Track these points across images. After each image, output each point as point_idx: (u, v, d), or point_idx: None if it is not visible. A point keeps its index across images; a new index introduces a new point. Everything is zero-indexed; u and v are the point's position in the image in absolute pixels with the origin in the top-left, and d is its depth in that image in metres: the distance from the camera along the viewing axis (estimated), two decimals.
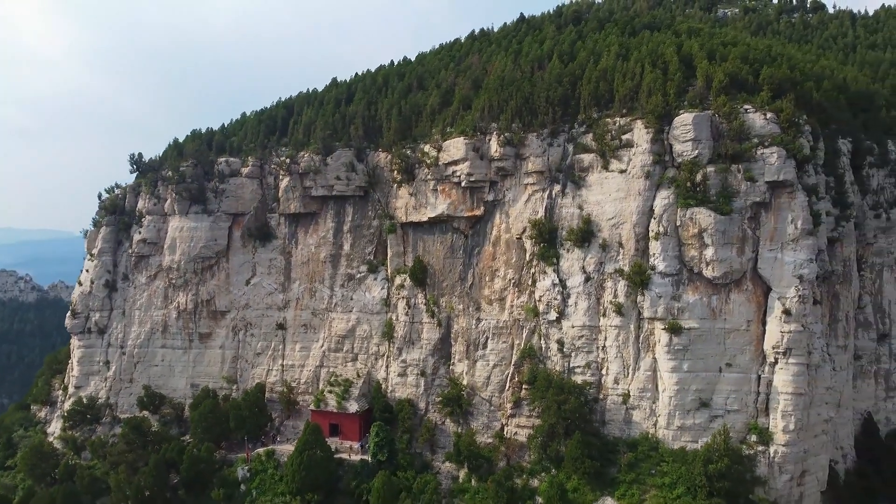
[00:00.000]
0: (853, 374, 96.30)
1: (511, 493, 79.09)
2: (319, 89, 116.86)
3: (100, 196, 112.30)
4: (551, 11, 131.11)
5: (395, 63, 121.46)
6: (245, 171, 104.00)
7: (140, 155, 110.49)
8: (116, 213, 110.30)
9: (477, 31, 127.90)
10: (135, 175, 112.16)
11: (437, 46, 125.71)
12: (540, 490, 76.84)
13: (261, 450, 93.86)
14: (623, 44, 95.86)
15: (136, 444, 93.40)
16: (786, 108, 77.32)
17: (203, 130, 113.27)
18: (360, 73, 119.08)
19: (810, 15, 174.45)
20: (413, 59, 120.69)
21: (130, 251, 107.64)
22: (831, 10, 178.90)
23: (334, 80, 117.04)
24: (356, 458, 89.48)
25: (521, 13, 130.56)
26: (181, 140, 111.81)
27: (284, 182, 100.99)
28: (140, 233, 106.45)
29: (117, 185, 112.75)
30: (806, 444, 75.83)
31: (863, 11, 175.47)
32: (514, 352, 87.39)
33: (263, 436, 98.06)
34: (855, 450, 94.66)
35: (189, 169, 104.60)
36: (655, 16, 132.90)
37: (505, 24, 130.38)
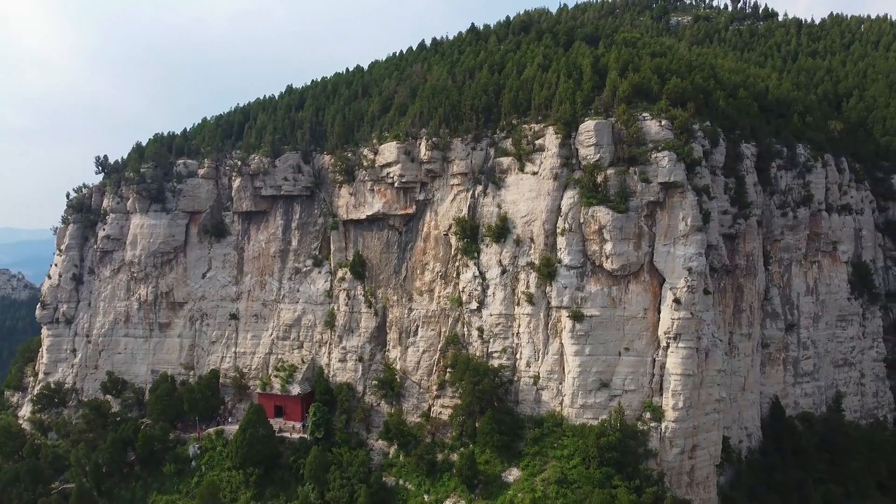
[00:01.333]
0: (762, 361, 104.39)
1: (431, 465, 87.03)
2: (277, 96, 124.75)
3: (68, 195, 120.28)
4: (502, 21, 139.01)
5: (349, 70, 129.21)
6: (201, 172, 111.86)
7: (105, 157, 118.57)
8: (83, 211, 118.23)
9: (431, 40, 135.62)
10: (101, 176, 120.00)
11: (390, 55, 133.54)
12: (456, 463, 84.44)
13: (211, 430, 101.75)
14: (548, 55, 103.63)
15: (96, 424, 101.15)
16: (679, 115, 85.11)
17: (165, 134, 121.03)
18: (315, 80, 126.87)
19: (760, 23, 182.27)
20: (366, 66, 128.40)
21: (96, 247, 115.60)
22: (781, 18, 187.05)
23: (289, 86, 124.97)
24: (297, 436, 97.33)
25: (472, 23, 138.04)
26: (143, 143, 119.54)
27: (237, 183, 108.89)
28: (104, 230, 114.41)
29: (84, 186, 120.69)
30: (696, 421, 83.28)
31: (810, 20, 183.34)
32: (441, 338, 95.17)
33: (218, 417, 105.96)
34: (762, 430, 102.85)
35: (149, 170, 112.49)
36: (600, 26, 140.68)
37: (460, 33, 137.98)
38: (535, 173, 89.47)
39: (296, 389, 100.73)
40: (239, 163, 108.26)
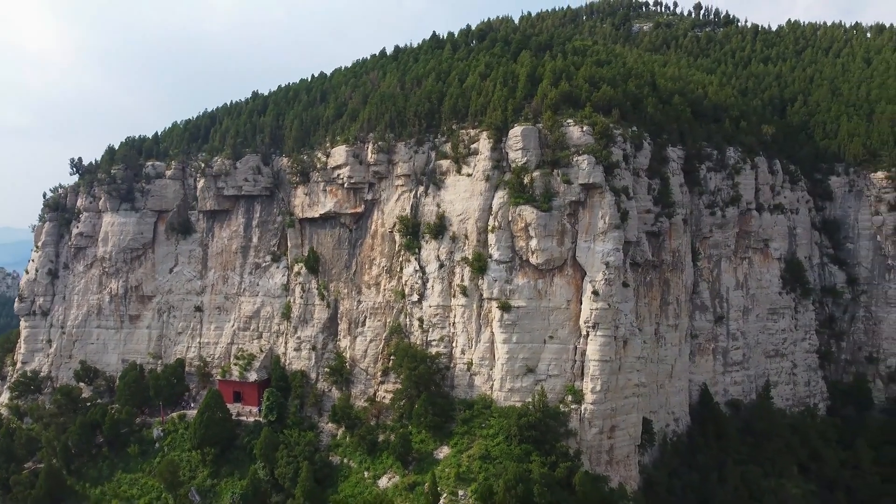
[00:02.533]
0: (691, 351, 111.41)
1: (373, 445, 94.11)
2: (243, 100, 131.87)
3: (45, 195, 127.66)
4: (463, 29, 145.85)
5: (313, 77, 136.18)
6: (168, 173, 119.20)
7: (80, 159, 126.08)
8: (59, 210, 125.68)
9: (393, 48, 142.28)
10: (76, 177, 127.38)
11: (355, 61, 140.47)
12: (392, 442, 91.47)
13: (174, 414, 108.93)
14: (490, 64, 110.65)
15: (67, 409, 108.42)
16: (600, 122, 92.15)
17: (136, 137, 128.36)
18: (281, 86, 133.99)
19: (721, 29, 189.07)
20: (329, 73, 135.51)
21: (70, 244, 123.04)
22: (742, 25, 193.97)
23: (254, 92, 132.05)
24: (252, 419, 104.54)
25: (434, 31, 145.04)
26: (116, 147, 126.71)
27: (201, 183, 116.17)
28: (78, 227, 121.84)
29: (60, 186, 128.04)
30: (614, 404, 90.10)
31: (769, 26, 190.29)
32: (386, 329, 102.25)
33: (183, 402, 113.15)
34: (691, 415, 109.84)
35: (119, 172, 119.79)
36: (555, 34, 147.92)
37: (424, 40, 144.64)
38: (469, 175, 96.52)
39: (253, 376, 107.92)
40: (203, 164, 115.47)
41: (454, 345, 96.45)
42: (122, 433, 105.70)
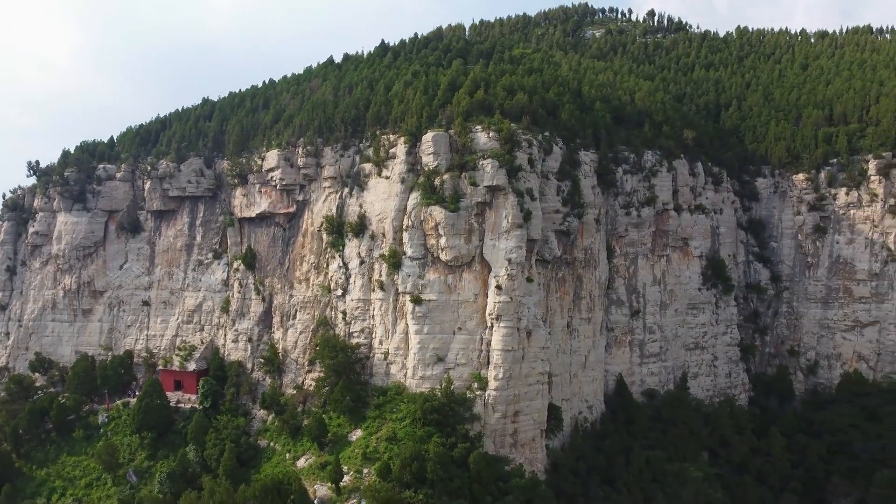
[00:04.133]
0: (608, 343, 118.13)
1: (296, 429, 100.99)
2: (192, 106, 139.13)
3: (3, 196, 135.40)
4: (410, 37, 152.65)
5: (265, 83, 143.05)
6: (119, 175, 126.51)
7: (38, 162, 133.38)
8: (17, 209, 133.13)
9: (343, 56, 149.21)
10: (33, 178, 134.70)
11: (306, 69, 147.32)
12: (309, 426, 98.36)
13: (119, 401, 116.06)
14: (417, 72, 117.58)
15: (18, 396, 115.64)
16: (505, 128, 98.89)
17: (91, 141, 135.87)
18: (233, 92, 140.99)
19: (671, 35, 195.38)
20: (279, 80, 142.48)
21: (27, 242, 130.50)
22: (695, 31, 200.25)
23: (204, 98, 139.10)
24: (190, 406, 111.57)
25: (382, 39, 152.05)
26: (71, 150, 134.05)
27: (147, 185, 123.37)
28: (34, 226, 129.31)
29: (19, 187, 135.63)
30: (517, 391, 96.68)
31: (718, 32, 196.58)
32: (314, 321, 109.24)
33: (129, 391, 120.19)
34: (607, 404, 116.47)
35: (73, 174, 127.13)
36: (498, 42, 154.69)
37: (375, 47, 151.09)
38: (388, 178, 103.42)
39: (192, 366, 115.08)
40: (149, 167, 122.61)
41: (373, 336, 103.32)
42: (70, 419, 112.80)
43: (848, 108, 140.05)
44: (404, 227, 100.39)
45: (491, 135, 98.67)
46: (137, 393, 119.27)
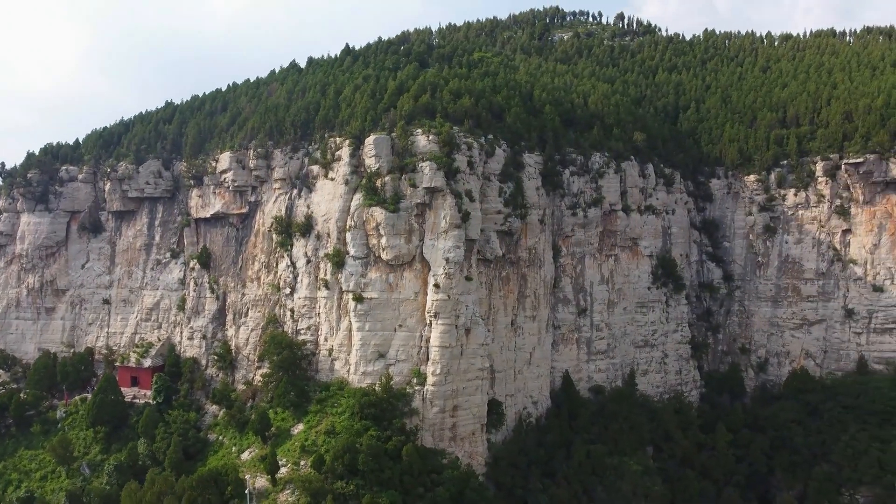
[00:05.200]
0: (555, 340, 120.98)
1: (243, 423, 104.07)
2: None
3: None
4: (374, 41, 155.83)
5: (230, 86, 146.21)
6: (80, 176, 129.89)
7: (3, 164, 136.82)
8: None
9: (307, 59, 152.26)
10: None
11: (269, 73, 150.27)
12: (252, 420, 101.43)
13: (77, 397, 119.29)
14: (367, 76, 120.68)
15: None
16: (444, 131, 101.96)
17: (55, 144, 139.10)
18: (195, 95, 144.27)
19: (639, 38, 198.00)
20: (241, 83, 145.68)
21: None
22: (664, 33, 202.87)
23: (167, 101, 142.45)
24: (143, 402, 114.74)
25: (347, 43, 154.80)
26: (35, 153, 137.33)
27: (108, 186, 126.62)
28: None
29: None
30: (455, 386, 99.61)
31: (685, 36, 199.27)
32: (264, 319, 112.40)
33: (89, 387, 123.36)
34: (553, 399, 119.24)
35: (35, 175, 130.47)
36: (458, 46, 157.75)
37: (341, 51, 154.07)
38: (333, 179, 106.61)
39: (148, 363, 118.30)
40: (109, 169, 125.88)
41: (319, 333, 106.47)
42: (28, 415, 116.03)
43: (800, 111, 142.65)
44: (347, 227, 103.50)
45: (430, 138, 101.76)
46: None
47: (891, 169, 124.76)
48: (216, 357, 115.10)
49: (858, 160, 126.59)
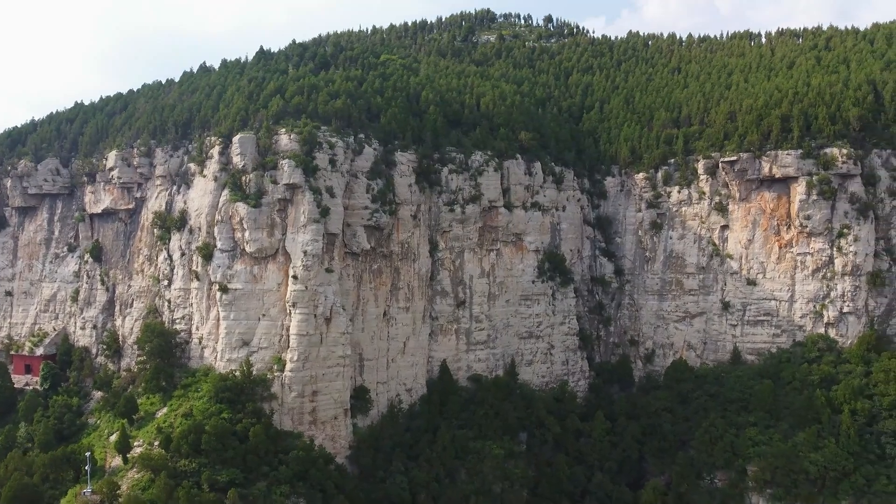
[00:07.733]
0: (433, 331, 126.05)
1: (119, 407, 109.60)
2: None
3: None
4: (289, 44, 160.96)
5: (145, 86, 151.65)
6: None
7: None
8: None
9: (221, 62, 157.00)
10: None
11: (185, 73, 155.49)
12: (118, 404, 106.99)
13: None
14: (254, 79, 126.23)
15: None
16: (305, 131, 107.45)
17: None
18: (105, 96, 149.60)
19: (564, 40, 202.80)
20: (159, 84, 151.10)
21: None
22: (591, 35, 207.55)
23: (76, 102, 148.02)
24: (32, 388, 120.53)
25: (261, 46, 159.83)
26: None
27: (9, 183, 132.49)
28: None
29: None
30: (314, 372, 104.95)
31: (609, 37, 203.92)
32: (146, 309, 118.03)
33: None
34: (431, 388, 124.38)
35: None
36: (366, 49, 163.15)
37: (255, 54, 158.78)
38: (205, 176, 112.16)
39: (40, 351, 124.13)
40: (9, 167, 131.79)
41: (192, 322, 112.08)
42: None
43: (693, 111, 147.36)
44: (215, 221, 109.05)
45: (292, 137, 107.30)
46: None
47: (763, 167, 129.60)
48: (104, 346, 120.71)
49: (733, 158, 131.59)
